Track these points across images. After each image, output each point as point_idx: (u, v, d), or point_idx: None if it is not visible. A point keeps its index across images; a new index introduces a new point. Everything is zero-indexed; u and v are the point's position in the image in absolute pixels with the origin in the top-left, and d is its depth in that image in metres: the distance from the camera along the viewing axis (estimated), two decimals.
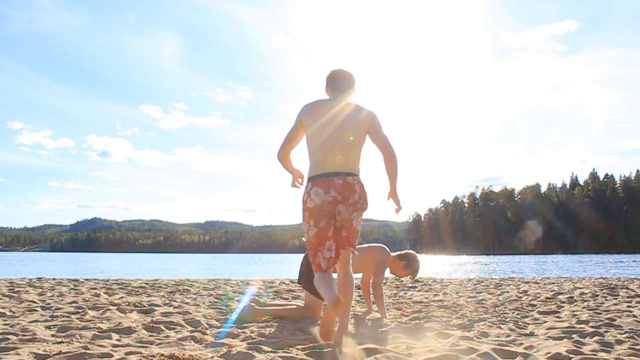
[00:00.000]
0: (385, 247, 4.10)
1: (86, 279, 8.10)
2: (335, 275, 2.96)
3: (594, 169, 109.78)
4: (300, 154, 3.06)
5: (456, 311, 4.24)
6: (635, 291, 6.10)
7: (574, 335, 2.99)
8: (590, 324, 3.49)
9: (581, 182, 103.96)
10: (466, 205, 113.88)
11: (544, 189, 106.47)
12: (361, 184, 2.83)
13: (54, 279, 8.03)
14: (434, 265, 24.75)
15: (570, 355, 2.43)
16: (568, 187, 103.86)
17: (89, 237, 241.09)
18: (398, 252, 4.17)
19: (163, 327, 3.16)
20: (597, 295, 5.65)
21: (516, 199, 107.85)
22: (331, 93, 3.02)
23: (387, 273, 4.16)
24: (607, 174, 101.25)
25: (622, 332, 3.18)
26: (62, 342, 2.62)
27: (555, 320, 3.70)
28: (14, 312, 3.84)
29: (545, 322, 3.66)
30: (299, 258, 4.74)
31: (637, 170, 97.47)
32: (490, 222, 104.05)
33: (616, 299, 5.30)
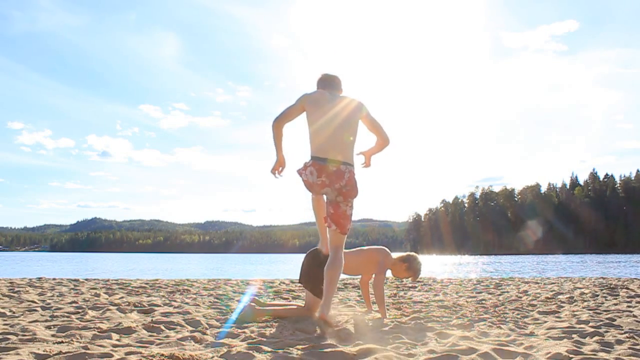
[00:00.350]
0: (386, 249, 4.09)
1: (86, 279, 8.10)
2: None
3: (594, 169, 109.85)
4: (301, 153, 3.12)
5: (456, 311, 4.24)
6: (635, 291, 6.09)
7: (574, 335, 2.99)
8: (590, 324, 3.49)
9: (581, 182, 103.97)
10: (466, 205, 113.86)
11: (544, 189, 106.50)
12: (352, 173, 3.13)
13: (54, 279, 8.03)
14: (434, 265, 24.75)
15: (570, 355, 2.43)
16: (568, 187, 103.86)
17: (89, 237, 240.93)
18: (399, 254, 4.16)
19: (163, 327, 3.16)
20: (597, 295, 5.65)
21: (516, 199, 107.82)
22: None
23: (389, 274, 4.15)
24: (607, 174, 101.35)
25: (622, 332, 3.18)
26: (62, 342, 2.62)
27: (555, 320, 3.70)
28: (14, 312, 3.84)
29: (545, 322, 3.66)
30: (299, 258, 4.74)
31: (637, 170, 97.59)
32: (490, 222, 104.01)
33: (616, 299, 5.30)
